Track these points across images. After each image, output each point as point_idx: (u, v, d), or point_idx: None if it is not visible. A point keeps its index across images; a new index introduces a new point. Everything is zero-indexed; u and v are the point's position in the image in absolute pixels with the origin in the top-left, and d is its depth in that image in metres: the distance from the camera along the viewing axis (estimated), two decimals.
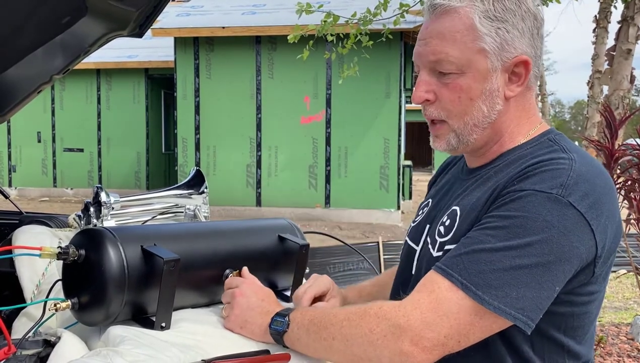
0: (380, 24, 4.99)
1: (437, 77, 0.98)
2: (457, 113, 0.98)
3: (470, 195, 1.01)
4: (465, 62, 0.95)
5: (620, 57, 3.89)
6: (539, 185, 0.88)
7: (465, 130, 0.99)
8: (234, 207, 9.61)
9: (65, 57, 1.90)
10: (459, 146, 1.02)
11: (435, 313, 0.87)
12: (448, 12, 0.96)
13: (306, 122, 9.62)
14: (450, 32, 0.95)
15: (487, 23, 0.94)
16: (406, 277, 1.12)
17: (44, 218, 1.77)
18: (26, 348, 0.91)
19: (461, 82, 0.96)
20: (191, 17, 10.00)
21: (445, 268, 0.90)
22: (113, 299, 0.96)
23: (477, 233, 0.91)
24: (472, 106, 0.97)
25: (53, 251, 0.95)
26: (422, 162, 23.50)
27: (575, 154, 0.94)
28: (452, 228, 0.99)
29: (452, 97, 0.97)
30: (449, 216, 1.02)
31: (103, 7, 1.68)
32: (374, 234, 8.09)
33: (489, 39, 0.94)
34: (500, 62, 0.95)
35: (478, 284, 0.86)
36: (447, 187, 1.14)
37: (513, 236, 0.87)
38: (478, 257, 0.88)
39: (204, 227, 1.26)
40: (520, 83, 0.97)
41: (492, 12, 0.94)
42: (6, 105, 1.97)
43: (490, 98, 0.97)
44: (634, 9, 3.78)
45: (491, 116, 0.98)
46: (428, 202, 1.18)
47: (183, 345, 0.94)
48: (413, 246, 1.12)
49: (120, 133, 12.38)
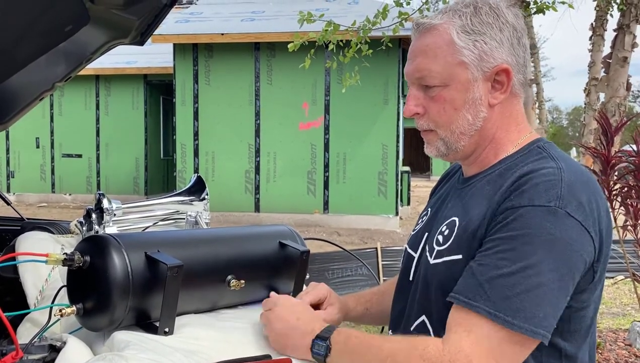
0: (379, 31, 5.03)
1: (424, 91, 1.05)
2: (444, 123, 1.04)
3: (467, 205, 1.04)
4: (447, 75, 1.02)
5: (616, 65, 3.92)
6: (536, 199, 0.91)
7: (452, 138, 1.05)
8: (232, 213, 9.62)
9: (67, 64, 1.92)
10: (449, 152, 1.08)
11: (479, 354, 0.88)
12: (429, 30, 1.03)
13: (305, 128, 9.65)
14: (431, 48, 1.02)
15: (465, 37, 1.00)
16: (405, 284, 1.15)
17: (46, 225, 1.79)
18: (32, 353, 0.93)
19: (445, 94, 1.02)
20: (190, 24, 10.04)
21: (470, 301, 0.91)
22: (117, 305, 0.97)
23: (490, 260, 0.92)
24: (457, 115, 1.03)
25: (59, 257, 0.96)
26: (420, 168, 23.53)
27: (562, 162, 0.98)
28: (449, 237, 1.03)
29: (438, 108, 1.04)
30: (448, 226, 1.05)
31: (105, 16, 1.70)
32: (372, 240, 8.10)
33: (467, 52, 1.00)
34: (480, 72, 1.01)
35: (507, 311, 0.88)
36: (444, 196, 1.18)
37: (525, 255, 0.89)
38: (498, 284, 0.90)
39: (206, 234, 1.27)
40: (503, 90, 1.03)
41: (470, 26, 1.01)
42: (9, 113, 1.98)
43: (474, 106, 1.03)
44: (630, 17, 3.82)
45: (476, 123, 1.04)
46: (427, 211, 1.21)
47: (186, 350, 0.96)
48: (412, 253, 1.16)
49: (119, 139, 12.39)
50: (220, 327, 1.07)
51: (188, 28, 9.81)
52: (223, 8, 10.79)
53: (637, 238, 3.89)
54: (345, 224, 9.43)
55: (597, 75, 3.94)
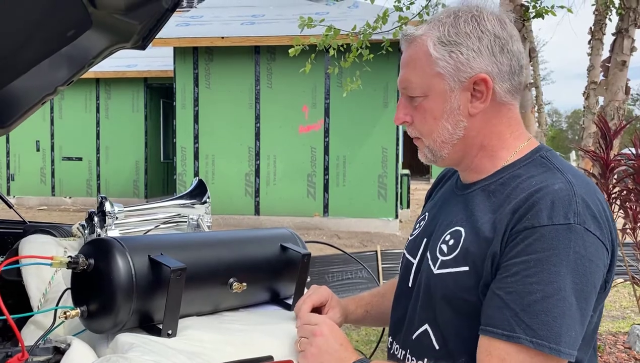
0: (380, 35, 5.04)
1: (410, 101, 1.07)
2: (426, 132, 1.07)
3: (472, 216, 1.03)
4: (425, 86, 1.03)
5: (615, 69, 3.93)
6: (555, 218, 0.91)
7: (435, 146, 1.07)
8: (232, 216, 9.63)
9: (69, 68, 1.93)
10: (436, 159, 1.10)
11: None
12: (412, 42, 1.05)
13: (305, 131, 9.66)
14: (412, 60, 1.05)
15: (441, 48, 1.01)
16: (404, 290, 1.15)
17: (48, 228, 1.79)
18: (37, 355, 0.94)
19: (425, 104, 1.05)
20: (190, 27, 10.06)
21: (507, 332, 0.90)
22: (121, 307, 0.98)
23: (519, 286, 0.91)
24: (437, 125, 1.05)
25: (64, 260, 0.98)
26: (420, 171, 23.54)
27: (570, 174, 0.98)
28: (455, 248, 1.02)
29: (420, 118, 1.06)
30: (452, 236, 1.04)
31: (107, 20, 1.71)
32: (372, 243, 8.10)
33: (442, 63, 1.01)
34: (457, 83, 1.02)
35: (549, 337, 0.88)
36: (441, 201, 1.18)
37: (555, 278, 0.89)
38: (535, 310, 0.89)
39: (208, 237, 1.28)
40: (483, 100, 1.02)
41: (446, 37, 1.01)
42: (11, 116, 1.99)
43: (453, 116, 1.04)
44: (629, 21, 3.83)
45: (457, 133, 1.05)
46: (425, 215, 1.21)
47: (189, 352, 0.97)
48: (410, 259, 1.16)
49: (119, 142, 12.40)
50: (222, 329, 1.08)
51: (188, 31, 9.83)
52: (223, 12, 10.82)
53: (636, 242, 3.90)
54: (345, 227, 9.44)
55: (596, 78, 3.96)
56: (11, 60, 1.72)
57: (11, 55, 1.69)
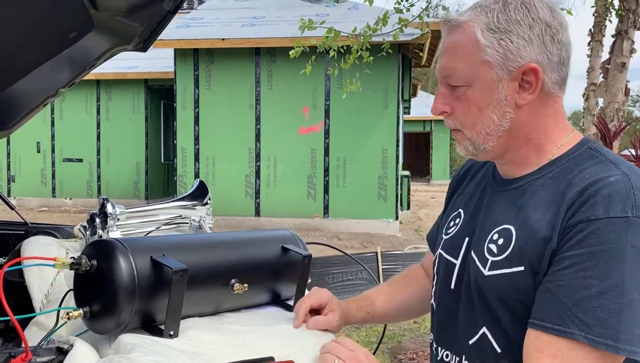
0: (380, 37, 5.05)
1: (451, 90, 1.02)
2: (469, 123, 1.01)
3: (523, 213, 0.99)
4: (471, 74, 0.98)
5: (615, 70, 3.93)
6: (612, 210, 0.88)
7: (478, 138, 1.02)
8: (233, 217, 9.64)
9: (71, 70, 1.94)
10: (478, 152, 1.04)
11: None
12: (456, 28, 1.00)
13: (305, 132, 9.68)
14: (456, 46, 1.00)
15: (490, 35, 0.96)
16: (447, 292, 1.10)
17: (50, 229, 1.80)
18: (40, 356, 0.94)
19: (469, 93, 0.99)
20: (191, 29, 10.08)
21: (560, 327, 0.87)
22: (124, 308, 0.99)
23: (572, 279, 0.88)
24: (482, 116, 1.00)
25: (66, 261, 0.98)
26: (420, 172, 23.56)
27: (624, 166, 0.95)
28: (506, 248, 0.98)
29: (463, 108, 1.01)
30: (501, 234, 1.00)
31: (109, 22, 1.72)
32: (373, 244, 8.11)
33: (491, 51, 0.96)
34: (506, 72, 0.97)
35: (606, 334, 0.84)
36: (478, 196, 1.12)
37: (611, 272, 0.86)
38: (589, 305, 0.86)
39: (210, 238, 1.29)
40: (531, 91, 0.98)
41: (495, 24, 0.96)
42: (13, 118, 2.00)
43: (499, 107, 0.99)
44: (628, 23, 3.84)
45: (503, 124, 1.00)
46: (459, 212, 1.15)
47: (191, 353, 0.97)
48: (451, 260, 1.10)
49: (120, 143, 12.42)
50: (224, 330, 1.09)
51: (189, 33, 9.85)
52: (224, 13, 10.84)
53: None
54: (345, 228, 9.45)
55: (596, 80, 3.97)
56: (13, 62, 1.72)
57: (13, 57, 1.70)
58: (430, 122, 22.00)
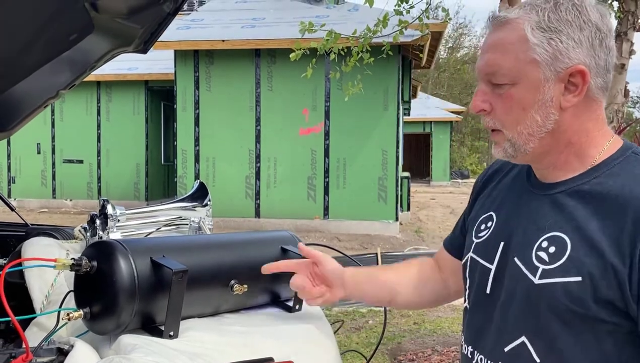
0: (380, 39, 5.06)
1: (492, 88, 0.99)
2: (511, 123, 0.99)
3: (575, 222, 0.96)
4: (516, 73, 0.96)
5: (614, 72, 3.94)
6: None
7: (519, 139, 0.99)
8: (233, 219, 9.64)
9: (71, 72, 1.95)
10: (517, 154, 1.01)
11: None
12: (503, 24, 0.98)
13: (305, 133, 9.68)
14: (503, 43, 0.97)
15: (539, 34, 0.94)
16: (480, 296, 1.08)
17: (50, 231, 1.81)
18: (41, 356, 0.95)
19: (514, 92, 0.97)
20: (191, 30, 10.09)
21: None
22: (124, 309, 0.99)
23: None
24: (525, 116, 0.97)
25: (67, 262, 0.99)
26: (420, 174, 23.55)
27: None
28: (560, 256, 0.95)
29: (505, 107, 0.98)
30: (551, 242, 0.97)
31: (109, 24, 1.73)
32: (373, 246, 8.11)
33: (540, 50, 0.94)
34: (553, 73, 0.95)
35: None
36: (513, 200, 1.09)
37: None
38: None
39: (210, 239, 1.30)
40: (577, 93, 0.96)
41: (546, 23, 0.94)
42: (14, 120, 2.01)
43: (544, 108, 0.96)
44: (627, 24, 3.85)
45: (547, 126, 0.97)
46: (490, 215, 1.12)
47: (191, 353, 0.98)
48: (485, 264, 1.07)
49: (120, 144, 12.43)
50: (223, 331, 1.09)
51: (189, 35, 9.86)
52: (224, 15, 10.85)
53: None
54: (345, 230, 9.45)
55: None
56: (14, 64, 1.73)
57: (14, 59, 1.71)
58: (430, 123, 22.00)
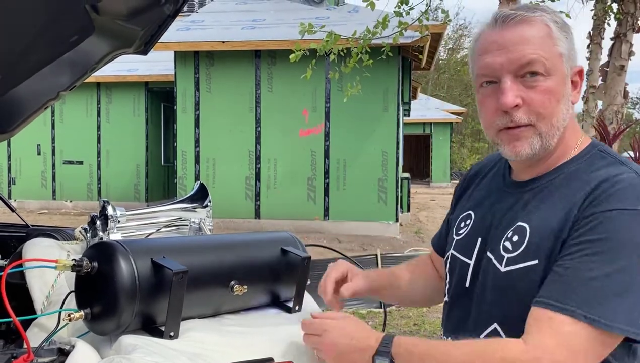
0: (380, 40, 5.07)
1: (521, 82, 1.00)
2: (547, 115, 1.00)
3: (537, 211, 1.01)
4: (551, 65, 0.99)
5: (613, 73, 3.95)
6: (622, 203, 0.92)
7: (550, 132, 1.01)
8: (233, 220, 9.64)
9: (72, 74, 1.95)
10: (541, 150, 1.03)
11: (566, 353, 0.88)
12: (523, 21, 1.00)
13: (305, 135, 9.69)
14: (534, 37, 0.99)
15: (559, 31, 1.00)
16: (461, 292, 1.12)
17: (51, 232, 1.81)
18: (42, 357, 0.95)
19: (549, 84, 0.99)
20: (191, 32, 10.10)
21: (561, 304, 0.90)
22: (124, 309, 1.00)
23: (577, 262, 0.91)
24: (559, 108, 1.01)
25: (68, 263, 0.99)
26: (420, 175, 23.57)
27: (632, 165, 1.00)
28: (521, 244, 1.00)
29: (542, 99, 0.99)
30: (515, 232, 1.02)
31: (110, 26, 1.73)
32: (373, 247, 8.11)
33: (563, 45, 1.00)
34: (569, 68, 1.01)
35: (603, 313, 0.88)
36: (489, 199, 1.14)
37: (615, 257, 0.89)
38: (591, 286, 0.89)
39: (210, 240, 1.30)
40: (577, 91, 1.03)
41: (561, 23, 1.01)
42: (15, 121, 2.01)
43: (567, 102, 1.01)
44: (627, 26, 3.85)
45: (566, 120, 1.02)
46: (469, 214, 1.17)
47: (191, 354, 0.98)
48: (464, 259, 1.13)
49: (120, 146, 12.43)
50: (224, 331, 1.10)
51: (189, 36, 9.87)
52: (224, 16, 10.86)
53: None
54: (345, 231, 9.45)
55: (595, 83, 3.98)
56: (14, 65, 1.74)
57: (15, 61, 1.71)
58: (430, 125, 22.02)
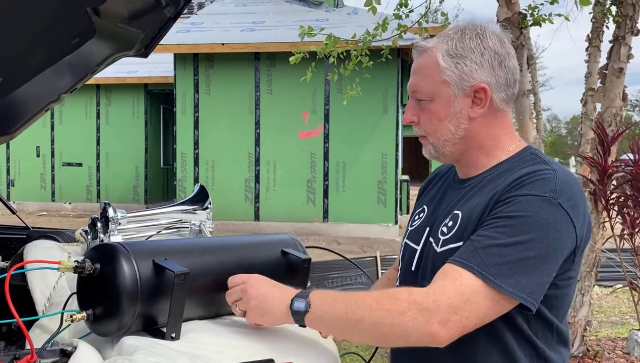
0: (379, 42, 5.08)
1: (418, 103, 1.23)
2: (431, 131, 1.22)
3: (470, 200, 1.18)
4: (432, 91, 1.19)
5: (612, 76, 3.95)
6: (535, 190, 1.08)
7: (439, 144, 1.22)
8: (232, 222, 9.65)
9: (73, 76, 1.96)
10: (438, 155, 1.25)
11: (460, 299, 1.02)
12: (423, 52, 1.22)
13: (304, 137, 9.70)
14: (422, 68, 1.21)
15: (448, 59, 1.17)
16: (408, 274, 1.27)
17: (51, 233, 1.82)
18: (44, 358, 0.96)
19: (432, 107, 1.20)
20: (191, 34, 10.12)
21: (465, 262, 1.05)
22: (126, 311, 1.00)
23: (488, 232, 1.08)
24: (441, 125, 1.20)
25: (71, 265, 1.00)
26: (420, 177, 23.56)
27: (554, 165, 1.16)
28: (453, 228, 1.17)
29: (426, 119, 1.22)
30: (451, 218, 1.19)
31: (110, 29, 1.74)
32: (372, 249, 8.12)
33: (449, 72, 1.17)
34: (460, 90, 1.18)
35: (495, 274, 1.03)
36: (439, 195, 1.32)
37: (519, 232, 1.05)
38: (492, 251, 1.05)
39: (211, 242, 1.31)
40: (482, 106, 1.18)
41: (453, 51, 1.17)
42: (16, 123, 2.02)
43: (455, 119, 1.19)
44: (625, 28, 3.86)
45: (459, 133, 1.20)
46: (423, 208, 1.34)
47: (193, 355, 0.99)
48: (413, 246, 1.28)
49: (119, 148, 12.44)
50: (224, 333, 1.11)
51: (189, 38, 9.88)
52: (223, 18, 10.88)
53: (634, 247, 3.92)
54: (344, 233, 9.46)
55: (594, 85, 3.98)
56: (16, 68, 1.74)
57: (15, 63, 1.72)
58: None
